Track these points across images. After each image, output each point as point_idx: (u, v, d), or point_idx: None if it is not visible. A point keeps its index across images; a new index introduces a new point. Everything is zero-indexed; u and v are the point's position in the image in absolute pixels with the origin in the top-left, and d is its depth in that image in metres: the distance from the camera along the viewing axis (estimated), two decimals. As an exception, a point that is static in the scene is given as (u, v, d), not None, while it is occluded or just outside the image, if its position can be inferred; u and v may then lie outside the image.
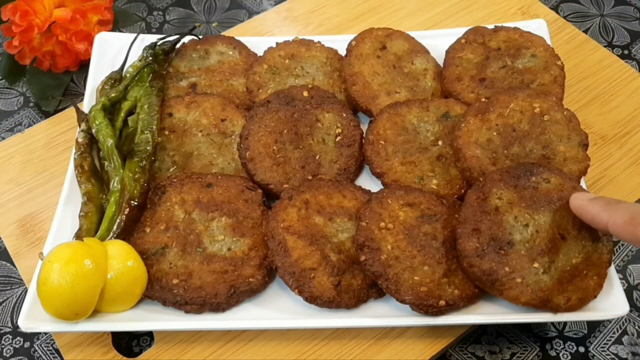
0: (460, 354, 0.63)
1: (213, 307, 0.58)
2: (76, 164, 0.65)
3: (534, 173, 0.60)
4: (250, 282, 0.58)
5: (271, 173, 0.65)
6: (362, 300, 0.58)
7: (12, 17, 0.78)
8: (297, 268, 0.57)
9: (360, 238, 0.58)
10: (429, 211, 0.60)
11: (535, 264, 0.55)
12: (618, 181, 0.71)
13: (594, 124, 0.76)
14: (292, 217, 0.60)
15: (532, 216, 0.58)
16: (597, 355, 0.63)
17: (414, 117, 0.68)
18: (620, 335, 0.64)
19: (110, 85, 0.72)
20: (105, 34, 0.79)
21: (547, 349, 0.63)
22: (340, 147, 0.67)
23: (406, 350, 0.59)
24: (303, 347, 0.60)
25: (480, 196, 0.59)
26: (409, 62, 0.75)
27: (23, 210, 0.69)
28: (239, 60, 0.76)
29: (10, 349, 0.64)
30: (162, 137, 0.68)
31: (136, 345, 0.62)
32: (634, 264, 0.69)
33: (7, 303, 0.67)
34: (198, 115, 0.70)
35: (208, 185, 0.63)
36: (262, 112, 0.68)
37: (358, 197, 0.63)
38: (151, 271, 0.59)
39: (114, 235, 0.59)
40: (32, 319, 0.56)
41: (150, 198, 0.63)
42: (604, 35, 0.90)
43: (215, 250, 0.60)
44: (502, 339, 0.64)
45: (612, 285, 0.58)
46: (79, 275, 0.53)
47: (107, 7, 0.83)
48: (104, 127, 0.65)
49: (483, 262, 0.56)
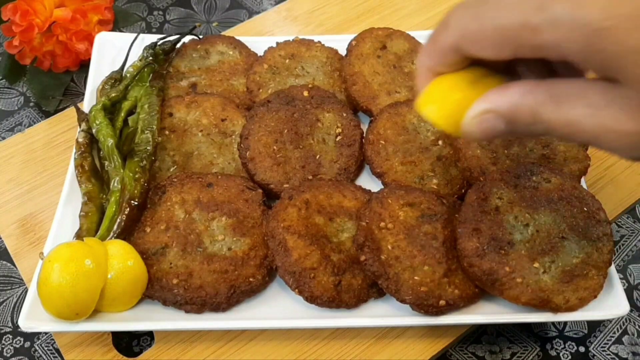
0: (461, 353, 0.63)
1: (213, 307, 0.58)
2: (76, 164, 0.65)
3: (535, 173, 0.60)
4: (250, 282, 0.58)
5: (271, 173, 0.65)
6: (362, 300, 0.58)
7: (13, 17, 0.78)
8: (298, 268, 0.57)
9: (360, 238, 0.58)
10: (429, 211, 0.60)
11: (536, 263, 0.55)
12: (618, 181, 0.71)
13: (594, 124, 0.76)
14: (293, 217, 0.60)
15: (533, 216, 0.58)
16: (597, 355, 0.63)
17: (414, 117, 0.68)
18: (620, 335, 0.64)
19: (110, 85, 0.72)
20: (105, 34, 0.79)
21: (548, 349, 0.63)
22: (341, 147, 0.67)
23: (406, 350, 0.59)
24: (303, 347, 0.60)
25: (480, 196, 0.59)
26: (409, 62, 0.75)
27: (23, 210, 0.69)
28: (239, 60, 0.76)
29: (11, 348, 0.64)
30: (163, 137, 0.68)
31: (136, 345, 0.62)
32: (634, 264, 0.69)
33: (8, 303, 0.67)
34: (198, 115, 0.70)
35: (208, 185, 0.63)
36: (262, 111, 0.68)
37: (358, 197, 0.63)
38: (151, 271, 0.59)
39: (114, 235, 0.59)
40: (33, 318, 0.56)
41: (151, 198, 0.63)
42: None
43: (215, 250, 0.60)
44: (502, 339, 0.64)
45: (613, 285, 0.58)
46: (79, 275, 0.53)
47: (108, 7, 0.83)
48: (104, 127, 0.65)
49: (483, 262, 0.56)
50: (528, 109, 0.34)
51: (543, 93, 0.34)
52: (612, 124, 0.31)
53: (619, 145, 0.32)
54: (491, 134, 0.36)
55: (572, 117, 0.33)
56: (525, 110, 0.34)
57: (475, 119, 0.36)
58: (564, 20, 0.31)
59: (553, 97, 0.33)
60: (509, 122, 0.35)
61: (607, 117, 0.31)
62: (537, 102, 0.34)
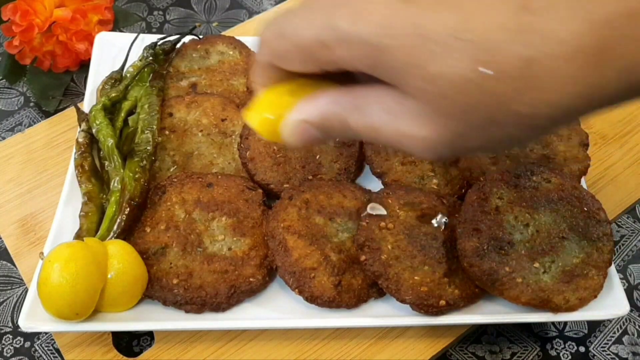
0: (461, 353, 0.63)
1: (213, 307, 0.58)
2: (76, 164, 0.65)
3: (535, 173, 0.60)
4: (250, 282, 0.58)
5: (271, 173, 0.65)
6: (362, 300, 0.58)
7: (13, 17, 0.77)
8: (298, 268, 0.57)
9: (360, 238, 0.58)
10: (430, 211, 0.60)
11: (536, 263, 0.55)
12: (618, 181, 0.71)
13: (594, 124, 0.76)
14: (293, 217, 0.60)
15: (533, 216, 0.58)
16: (597, 355, 0.63)
17: (414, 117, 0.68)
18: (620, 335, 0.64)
19: (110, 85, 0.72)
20: (105, 34, 0.79)
21: (548, 349, 0.63)
22: (341, 147, 0.67)
23: (406, 350, 0.59)
24: (303, 347, 0.60)
25: (480, 196, 0.59)
26: (409, 62, 0.74)
27: (23, 210, 0.69)
28: (239, 60, 0.76)
29: (11, 348, 0.64)
30: (163, 137, 0.68)
31: (136, 345, 0.62)
32: (634, 264, 0.69)
33: (8, 303, 0.67)
34: (198, 115, 0.70)
35: (208, 185, 0.63)
36: (263, 112, 0.68)
37: (358, 196, 0.63)
38: (151, 271, 0.59)
39: (114, 235, 0.59)
40: (33, 318, 0.56)
41: (151, 198, 0.63)
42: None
43: (215, 250, 0.60)
44: (502, 339, 0.64)
45: (613, 285, 0.58)
46: (79, 275, 0.53)
47: (108, 7, 0.83)
48: (104, 127, 0.65)
49: (483, 262, 0.56)
50: (336, 117, 0.35)
51: (348, 102, 0.35)
52: (407, 130, 0.33)
53: (416, 149, 0.33)
54: (310, 141, 0.37)
55: (374, 124, 0.34)
56: (334, 119, 0.35)
57: (290, 129, 0.37)
58: (348, 37, 0.31)
59: (356, 105, 0.34)
60: (323, 130, 0.36)
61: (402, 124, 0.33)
62: (343, 110, 0.34)
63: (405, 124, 0.33)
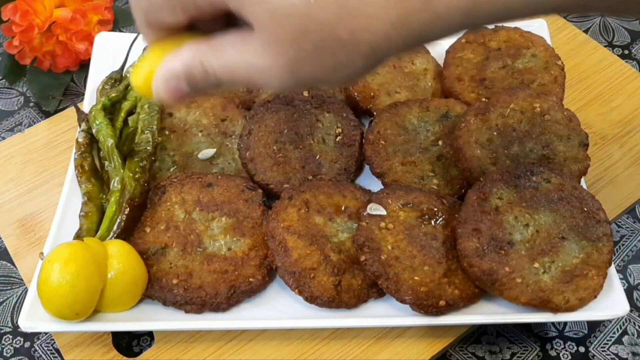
0: (461, 353, 0.63)
1: (213, 307, 0.58)
2: (76, 164, 0.65)
3: (535, 173, 0.60)
4: (250, 282, 0.58)
5: (271, 173, 0.65)
6: (362, 300, 0.58)
7: (13, 17, 0.78)
8: (297, 268, 0.57)
9: (360, 238, 0.58)
10: (429, 211, 0.60)
11: (536, 264, 0.55)
12: (618, 181, 0.71)
13: (594, 124, 0.76)
14: (293, 217, 0.60)
15: (533, 216, 0.58)
16: (597, 355, 0.63)
17: (414, 117, 0.68)
18: (620, 335, 0.64)
19: (110, 85, 0.72)
20: (105, 34, 0.79)
21: (548, 349, 0.63)
22: (341, 147, 0.67)
23: (406, 350, 0.59)
24: (303, 347, 0.60)
25: (480, 196, 0.59)
26: (409, 62, 0.75)
27: (23, 210, 0.69)
28: (239, 60, 0.76)
29: (11, 348, 0.64)
30: (163, 137, 0.68)
31: (136, 345, 0.62)
32: (634, 264, 0.69)
33: (8, 303, 0.67)
34: (198, 115, 0.70)
35: (208, 185, 0.63)
36: (263, 112, 0.68)
37: (358, 197, 0.63)
38: (151, 271, 0.59)
39: (114, 235, 0.59)
40: (33, 318, 0.56)
41: (151, 198, 0.63)
42: (604, 35, 0.90)
43: (215, 250, 0.60)
44: (502, 339, 0.64)
45: (612, 285, 0.58)
46: (79, 275, 0.53)
47: (108, 7, 0.83)
48: (104, 127, 0.65)
49: (483, 262, 0.56)
50: (198, 63, 0.37)
51: (206, 47, 0.37)
52: (254, 62, 0.35)
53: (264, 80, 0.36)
54: (179, 96, 0.38)
55: (228, 62, 0.36)
56: (197, 66, 0.37)
57: (160, 83, 0.38)
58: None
59: (213, 48, 0.36)
60: (189, 81, 0.37)
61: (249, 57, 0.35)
62: (202, 55, 0.37)
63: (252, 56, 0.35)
